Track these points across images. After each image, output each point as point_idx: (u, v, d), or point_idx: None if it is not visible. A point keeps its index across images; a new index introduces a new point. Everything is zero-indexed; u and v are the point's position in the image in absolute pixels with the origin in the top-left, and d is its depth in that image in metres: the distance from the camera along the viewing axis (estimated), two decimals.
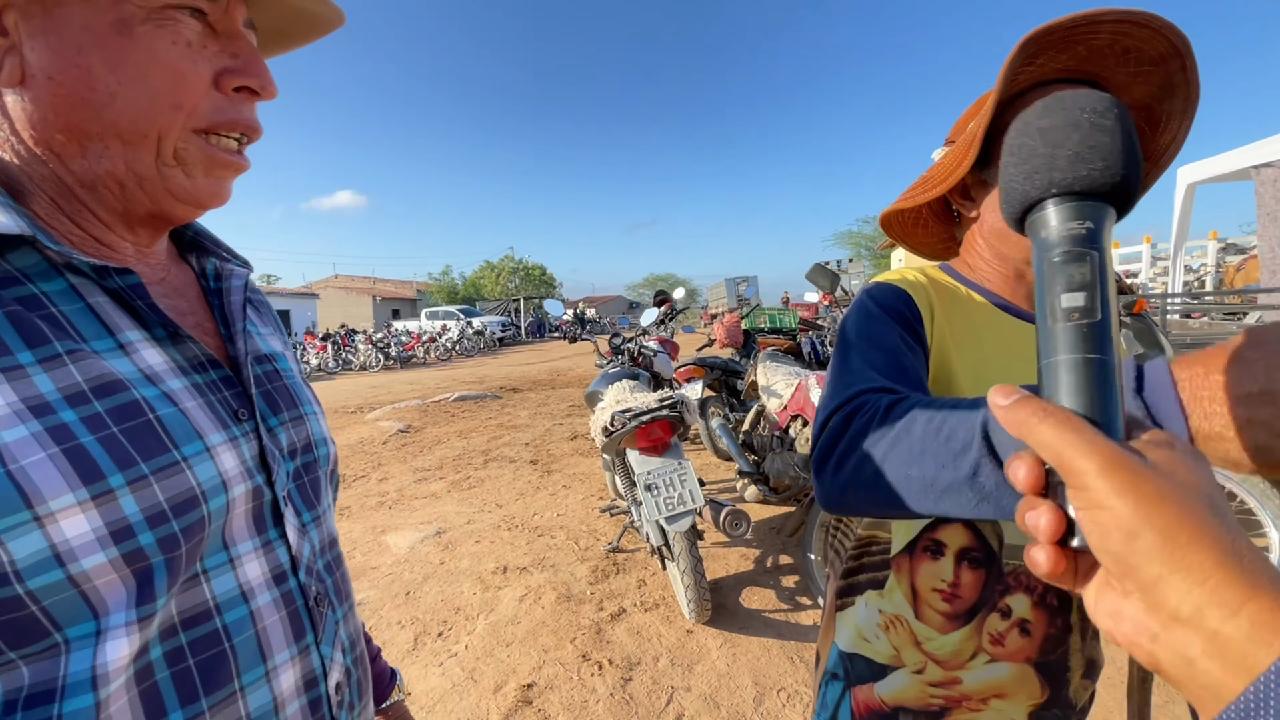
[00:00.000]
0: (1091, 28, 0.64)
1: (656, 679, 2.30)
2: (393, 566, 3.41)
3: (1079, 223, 0.34)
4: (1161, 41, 0.65)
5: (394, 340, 19.32)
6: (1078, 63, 0.69)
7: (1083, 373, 0.32)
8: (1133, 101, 0.72)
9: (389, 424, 7.59)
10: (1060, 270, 0.33)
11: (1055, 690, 0.74)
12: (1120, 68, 0.69)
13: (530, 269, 46.42)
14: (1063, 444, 0.29)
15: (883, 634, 0.77)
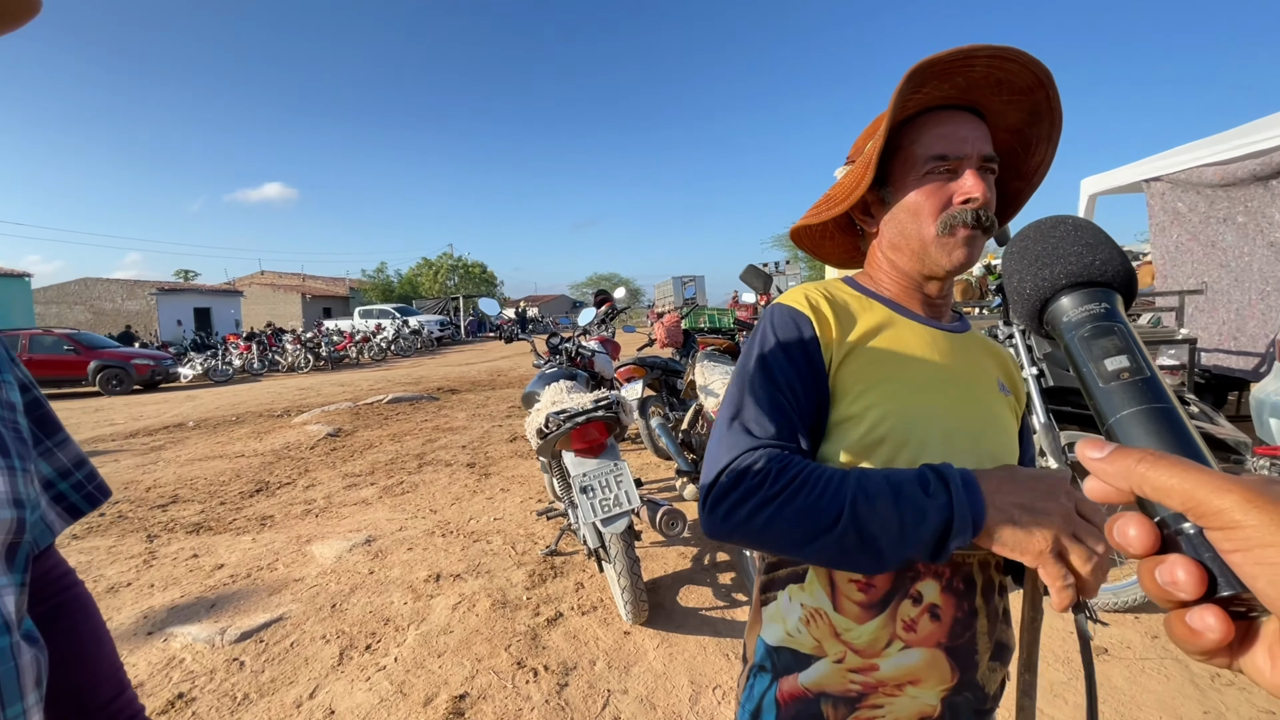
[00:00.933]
0: (969, 61, 0.72)
1: (593, 683, 2.28)
2: (318, 578, 3.25)
3: (1096, 304, 0.40)
4: (1028, 75, 0.73)
5: (325, 340, 18.47)
6: (959, 92, 0.76)
7: (1159, 420, 0.32)
8: (1007, 126, 0.80)
9: (317, 428, 7.25)
10: (1093, 342, 0.38)
11: (965, 674, 0.76)
12: (995, 96, 0.77)
13: (470, 267, 45.36)
14: (1191, 483, 0.26)
15: (804, 628, 0.80)
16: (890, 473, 0.68)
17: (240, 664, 2.49)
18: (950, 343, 0.83)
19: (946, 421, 0.77)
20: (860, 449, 0.76)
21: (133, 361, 14.07)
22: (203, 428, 8.08)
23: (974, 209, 0.75)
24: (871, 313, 0.83)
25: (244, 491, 4.97)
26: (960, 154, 0.76)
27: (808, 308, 0.82)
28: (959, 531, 0.62)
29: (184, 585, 3.24)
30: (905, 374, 0.78)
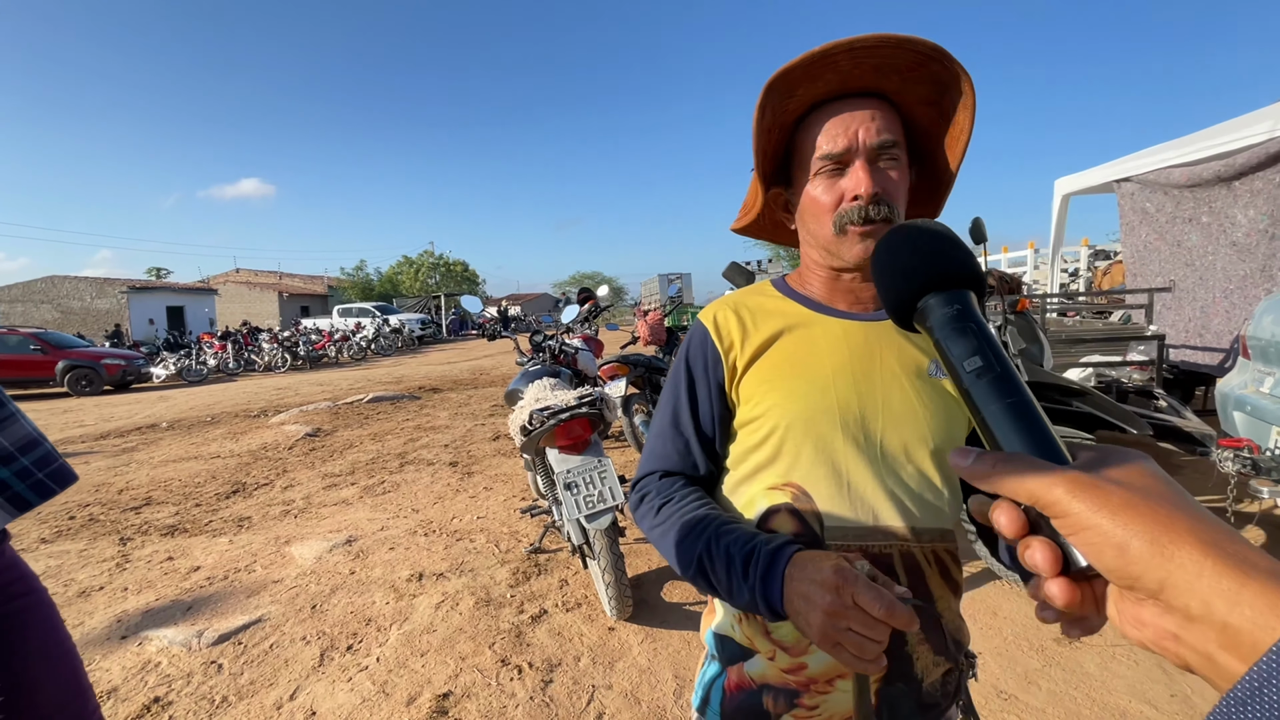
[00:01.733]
0: (828, 61, 0.70)
1: (578, 679, 2.29)
2: (297, 579, 3.21)
3: (950, 306, 0.43)
4: (905, 54, 0.71)
5: (303, 339, 18.18)
6: (840, 83, 0.74)
7: (1011, 416, 0.36)
8: (917, 99, 0.77)
9: (296, 428, 7.14)
10: (952, 344, 0.41)
11: (896, 665, 0.74)
12: (885, 79, 0.74)
13: (452, 265, 44.93)
14: (1029, 483, 0.31)
15: (738, 625, 0.81)
16: (736, 538, 0.72)
17: (218, 667, 2.46)
18: (869, 333, 0.81)
19: (845, 415, 0.76)
20: (760, 450, 0.79)
21: (103, 361, 13.71)
22: (177, 428, 7.92)
23: (860, 206, 0.74)
24: (783, 316, 0.84)
25: (220, 493, 4.88)
26: (844, 149, 0.74)
27: (712, 325, 0.86)
28: (765, 614, 0.68)
29: (159, 588, 3.18)
30: (807, 373, 0.79)
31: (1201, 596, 0.25)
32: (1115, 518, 0.28)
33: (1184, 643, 0.26)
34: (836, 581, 0.61)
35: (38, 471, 0.64)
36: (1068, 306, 6.59)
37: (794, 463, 0.77)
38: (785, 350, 0.81)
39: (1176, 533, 0.26)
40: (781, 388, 0.79)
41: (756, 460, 0.80)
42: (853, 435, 0.76)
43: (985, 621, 2.53)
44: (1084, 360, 4.05)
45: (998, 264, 11.58)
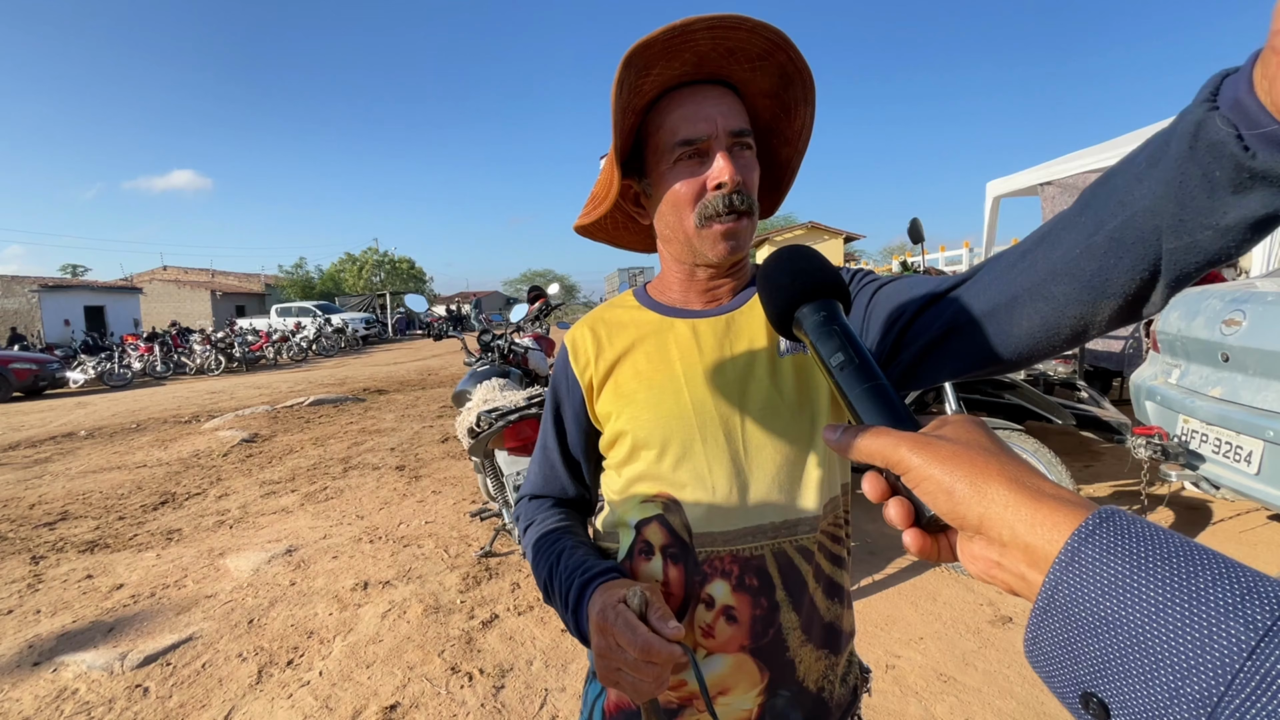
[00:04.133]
0: (687, 36, 0.66)
1: (530, 683, 2.26)
2: (232, 593, 3.05)
3: (819, 314, 0.51)
4: (758, 40, 0.68)
5: (238, 340, 17.31)
6: (694, 66, 0.71)
7: (869, 397, 0.43)
8: (762, 91, 0.74)
9: (231, 433, 6.80)
10: (821, 343, 0.49)
11: (777, 673, 0.72)
12: (735, 65, 0.71)
13: (398, 262, 43.67)
14: (879, 445, 0.37)
15: None
16: (566, 567, 0.74)
17: (144, 690, 2.31)
18: (716, 327, 0.78)
19: (703, 417, 0.74)
20: (629, 465, 0.78)
21: (11, 366, 12.70)
22: (97, 437, 7.42)
23: (725, 194, 0.70)
24: (638, 325, 0.81)
25: (147, 504, 4.60)
26: (705, 135, 0.70)
27: (571, 345, 0.85)
28: (581, 639, 0.70)
29: (76, 609, 2.97)
30: (659, 381, 0.77)
31: (1009, 524, 0.29)
32: (943, 466, 0.32)
33: (1004, 568, 0.31)
34: (599, 623, 0.62)
35: None
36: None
37: (658, 474, 0.75)
38: (639, 362, 0.79)
39: (989, 474, 0.31)
40: (636, 400, 0.77)
41: (627, 476, 0.78)
42: (713, 436, 0.73)
43: (925, 607, 2.63)
44: None
45: (935, 262, 12.09)
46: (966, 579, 2.81)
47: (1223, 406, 2.71)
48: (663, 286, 0.85)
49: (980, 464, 0.32)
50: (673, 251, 0.80)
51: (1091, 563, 0.26)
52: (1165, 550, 0.25)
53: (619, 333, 0.82)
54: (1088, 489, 3.76)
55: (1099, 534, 0.26)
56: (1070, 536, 0.27)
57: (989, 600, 2.65)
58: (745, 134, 0.72)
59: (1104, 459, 4.34)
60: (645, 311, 0.83)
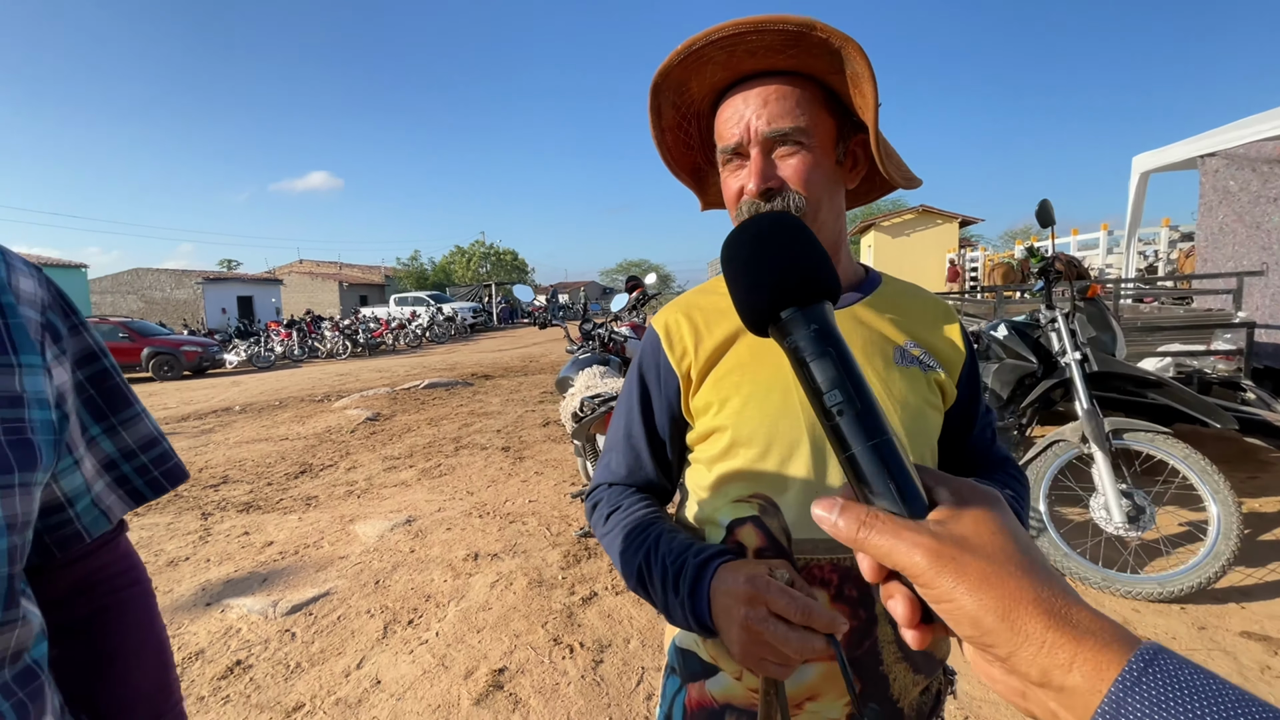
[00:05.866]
0: (699, 55, 0.68)
1: (627, 660, 2.34)
2: (361, 556, 3.38)
3: (807, 327, 0.37)
4: (770, 35, 0.65)
5: (361, 327, 18.93)
6: (732, 70, 0.70)
7: (872, 460, 0.34)
8: (825, 70, 0.70)
9: (357, 412, 7.47)
10: (811, 376, 0.36)
11: (869, 686, 0.71)
12: (770, 60, 0.69)
13: (501, 254, 45.80)
14: (890, 548, 0.31)
15: (702, 641, 0.77)
16: (672, 549, 0.70)
17: (292, 635, 2.62)
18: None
19: (811, 419, 0.71)
20: (723, 462, 0.75)
21: (182, 348, 14.68)
22: (248, 412, 8.40)
23: (750, 200, 0.71)
24: (737, 317, 0.77)
25: (289, 473, 5.17)
26: (738, 142, 0.71)
27: (664, 332, 0.81)
28: (698, 631, 0.67)
29: (238, 560, 3.41)
30: (766, 377, 0.74)
31: (1042, 666, 0.27)
32: (972, 594, 0.29)
33: (1031, 700, 0.29)
34: (750, 592, 0.58)
35: (154, 469, 0.66)
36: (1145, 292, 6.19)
37: (759, 474, 0.72)
38: (742, 355, 0.76)
39: (1021, 604, 0.28)
40: (741, 395, 0.74)
41: (720, 472, 0.75)
42: (816, 439, 0.71)
43: None
44: (1162, 349, 3.81)
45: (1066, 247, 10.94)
46: (1094, 592, 2.57)
47: None
48: None
49: (1012, 590, 0.28)
50: None
51: (1138, 716, 0.24)
52: (1218, 701, 0.23)
53: (718, 321, 0.78)
54: (1252, 503, 3.30)
55: (1145, 682, 0.25)
56: (1113, 685, 0.25)
57: (1123, 618, 2.41)
58: (784, 134, 0.69)
59: (1273, 469, 3.79)
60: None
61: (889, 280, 0.84)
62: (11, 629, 0.48)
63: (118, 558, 0.66)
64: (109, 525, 0.62)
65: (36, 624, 0.51)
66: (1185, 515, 2.93)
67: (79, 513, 0.59)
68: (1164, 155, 5.85)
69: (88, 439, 0.60)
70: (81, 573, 0.62)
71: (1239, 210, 4.93)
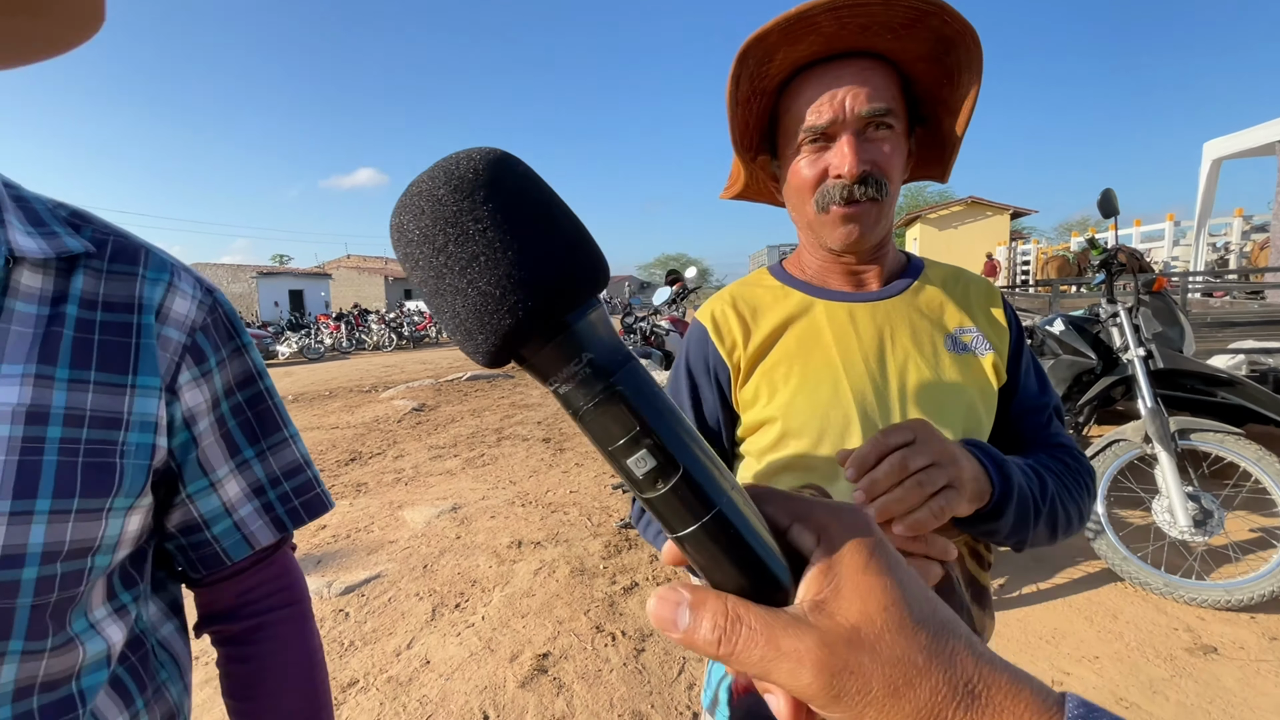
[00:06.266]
0: (808, 23, 0.63)
1: (669, 650, 2.36)
2: (410, 540, 3.49)
3: (572, 362, 0.23)
4: (897, 10, 0.63)
5: (406, 320, 19.44)
6: (827, 44, 0.67)
7: (716, 540, 0.24)
8: (917, 56, 0.69)
9: (403, 402, 7.69)
10: (597, 434, 0.24)
11: None
12: (875, 38, 0.66)
13: None
14: (767, 667, 0.23)
15: None
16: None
17: (345, 614, 2.73)
18: (875, 313, 0.76)
19: (863, 407, 0.71)
20: (774, 453, 0.74)
21: None
22: (300, 401, 8.74)
23: (844, 184, 0.68)
24: (784, 305, 0.79)
25: (340, 460, 5.36)
26: (829, 121, 0.67)
27: (711, 324, 0.80)
28: None
29: (296, 542, 3.56)
30: (816, 368, 0.74)
31: None
32: (883, 715, 0.22)
33: None
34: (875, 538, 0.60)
35: (295, 498, 0.64)
36: (1214, 286, 5.86)
37: (811, 465, 0.72)
38: (790, 345, 0.76)
39: (942, 707, 0.22)
40: (791, 386, 0.74)
41: (771, 464, 0.75)
42: (869, 427, 0.71)
43: (1104, 625, 2.36)
44: (1234, 346, 3.61)
45: (1128, 239, 10.42)
46: (1155, 598, 2.47)
47: None
48: (801, 265, 0.83)
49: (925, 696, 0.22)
50: (806, 236, 0.79)
51: None
52: None
53: (766, 313, 0.79)
54: None
55: None
56: None
57: (1186, 626, 2.31)
58: (882, 113, 0.67)
59: None
60: (789, 290, 0.80)
61: (931, 264, 0.84)
62: (39, 657, 0.46)
63: (271, 578, 0.65)
64: (249, 550, 0.61)
65: (91, 651, 0.50)
66: (1257, 520, 2.78)
67: (216, 535, 0.59)
68: (1238, 141, 5.51)
69: (239, 462, 0.60)
70: (233, 591, 0.63)
71: None
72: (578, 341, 0.23)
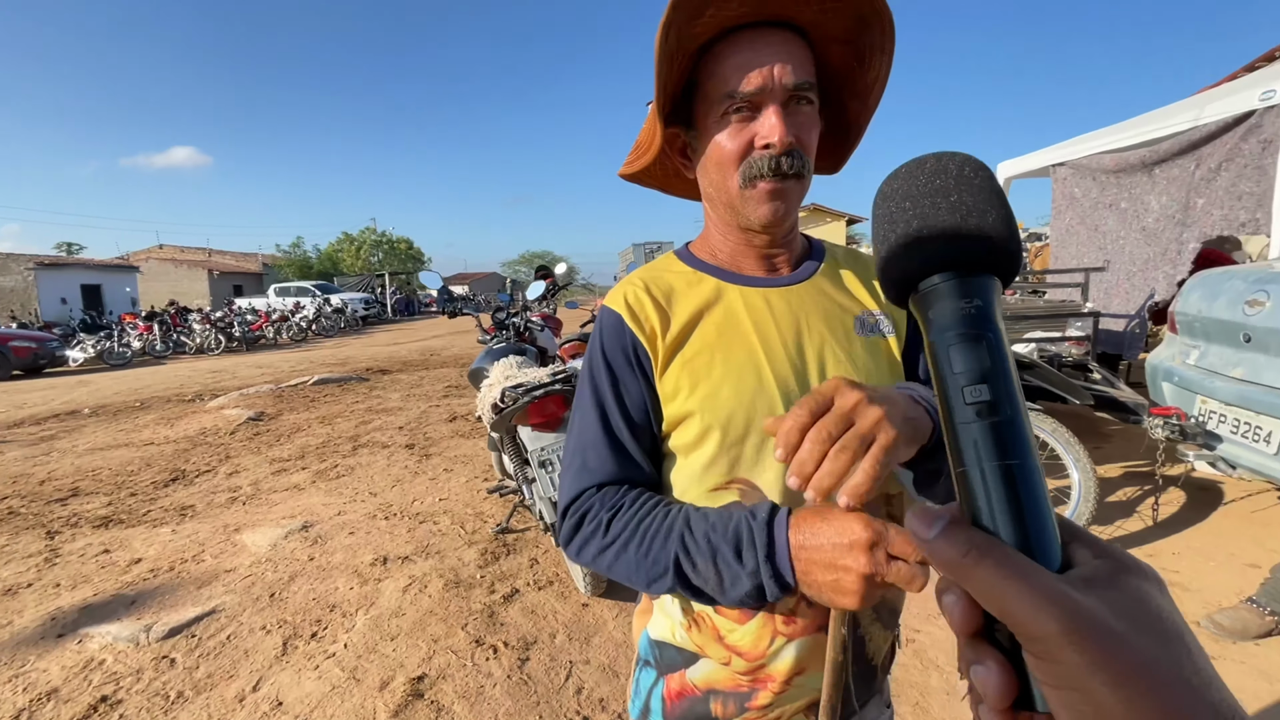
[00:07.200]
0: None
1: (554, 656, 2.28)
2: (252, 568, 3.07)
3: (967, 301, 0.30)
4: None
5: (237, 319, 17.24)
6: (757, 6, 0.64)
7: (1004, 486, 0.26)
8: (835, 36, 0.68)
9: (237, 411, 6.79)
10: (955, 357, 0.29)
11: (853, 649, 0.71)
12: (805, 6, 0.64)
13: (395, 242, 43.39)
14: (1011, 598, 0.23)
15: (686, 634, 0.74)
16: (713, 525, 0.64)
17: (171, 661, 2.33)
18: (789, 299, 0.74)
19: (786, 395, 0.69)
20: (697, 450, 0.71)
21: (10, 344, 12.64)
22: (101, 415, 7.40)
23: (772, 155, 0.65)
24: (698, 292, 0.75)
25: (157, 481, 4.60)
26: (757, 89, 0.64)
27: (625, 310, 0.74)
28: (771, 596, 0.60)
29: (96, 583, 2.98)
30: (737, 356, 0.71)
31: None
32: (1119, 690, 0.20)
33: None
34: (872, 538, 0.55)
35: None
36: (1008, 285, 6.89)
37: (737, 457, 0.69)
38: (709, 334, 0.72)
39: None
40: (714, 377, 0.70)
41: (694, 461, 0.71)
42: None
43: None
44: (1027, 336, 4.26)
45: None
46: None
47: (1244, 387, 2.71)
48: (711, 248, 0.79)
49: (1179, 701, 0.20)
50: (717, 211, 0.75)
51: None
52: None
53: (680, 299, 0.74)
54: (1100, 470, 3.78)
55: None
56: None
57: None
58: (807, 88, 0.65)
59: (1114, 440, 4.36)
60: (701, 275, 0.77)
61: (831, 246, 0.84)
62: None
63: None
64: None
65: None
66: (1051, 483, 3.30)
67: None
68: (1024, 163, 6.51)
69: None
70: None
71: (1081, 214, 5.59)
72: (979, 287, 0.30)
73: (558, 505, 0.76)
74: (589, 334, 5.21)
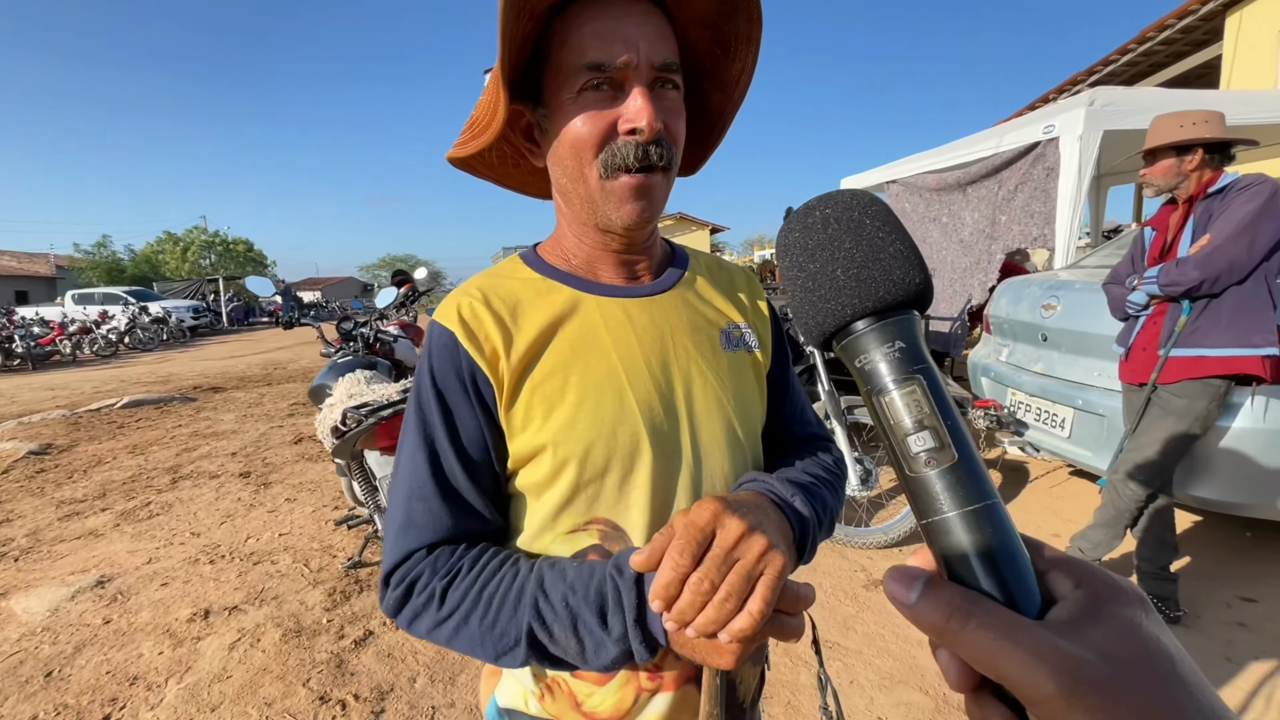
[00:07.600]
0: None
1: (414, 703, 2.07)
2: (20, 641, 2.49)
3: (889, 346, 0.29)
4: None
5: (19, 332, 14.39)
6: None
7: (970, 535, 0.26)
8: (698, 17, 0.61)
9: (12, 445, 5.60)
10: (889, 411, 0.28)
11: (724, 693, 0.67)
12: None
13: (231, 244, 38.75)
14: (1001, 662, 0.22)
15: (536, 700, 0.67)
16: (571, 585, 0.56)
17: None
18: (651, 311, 0.67)
19: (650, 422, 0.62)
20: (551, 489, 0.62)
21: None
22: None
23: (639, 141, 0.56)
24: (549, 303, 0.65)
25: None
26: (621, 61, 0.55)
27: (460, 327, 0.62)
28: (640, 659, 0.54)
29: None
30: (596, 379, 0.62)
31: None
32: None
33: None
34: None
35: None
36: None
37: (596, 494, 0.61)
38: (563, 352, 0.62)
39: None
40: (569, 402, 0.61)
41: (547, 502, 0.62)
42: (660, 445, 0.62)
43: (806, 575, 2.77)
44: None
45: None
46: (839, 547, 3.00)
47: (1042, 380, 3.13)
48: (562, 251, 0.68)
49: None
50: (576, 210, 0.64)
51: None
52: None
53: (527, 312, 0.64)
54: None
55: None
56: None
57: (861, 566, 2.85)
58: (673, 68, 0.58)
59: None
60: (552, 283, 0.66)
61: (694, 252, 0.78)
62: None
63: None
64: None
65: None
66: None
67: None
68: (864, 179, 7.16)
69: None
70: None
71: (911, 227, 6.25)
72: (898, 328, 0.30)
73: (381, 569, 0.63)
74: None
